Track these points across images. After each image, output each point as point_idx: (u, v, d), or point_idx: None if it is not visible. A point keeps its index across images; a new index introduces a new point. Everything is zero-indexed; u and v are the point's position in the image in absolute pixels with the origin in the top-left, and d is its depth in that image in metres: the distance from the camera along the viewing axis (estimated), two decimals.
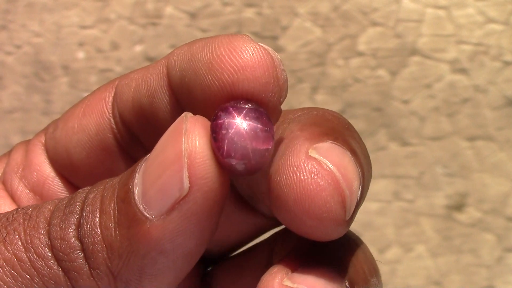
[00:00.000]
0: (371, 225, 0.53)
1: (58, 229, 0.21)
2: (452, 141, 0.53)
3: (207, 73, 0.21)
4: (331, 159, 0.21)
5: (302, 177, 0.20)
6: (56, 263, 0.21)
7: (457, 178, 0.53)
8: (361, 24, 0.52)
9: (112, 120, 0.26)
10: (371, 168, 0.23)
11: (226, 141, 0.20)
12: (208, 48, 0.22)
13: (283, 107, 0.22)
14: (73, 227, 0.21)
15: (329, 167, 0.20)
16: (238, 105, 0.21)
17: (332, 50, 0.52)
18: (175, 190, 0.20)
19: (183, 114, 0.21)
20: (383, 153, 0.53)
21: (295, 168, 0.21)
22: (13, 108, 0.54)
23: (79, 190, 0.22)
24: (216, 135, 0.20)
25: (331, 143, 0.21)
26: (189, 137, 0.20)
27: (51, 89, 0.54)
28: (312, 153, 0.21)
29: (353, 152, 0.22)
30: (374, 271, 0.23)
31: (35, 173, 0.28)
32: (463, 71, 0.52)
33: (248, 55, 0.21)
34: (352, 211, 0.21)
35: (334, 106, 0.52)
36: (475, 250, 0.53)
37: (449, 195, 0.53)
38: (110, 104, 0.26)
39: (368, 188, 0.23)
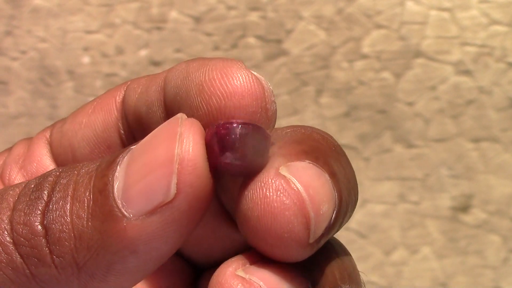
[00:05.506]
0: (377, 227, 0.53)
1: (22, 214, 0.20)
2: (457, 142, 0.53)
3: (197, 95, 0.21)
4: (301, 179, 0.20)
5: (267, 194, 0.20)
6: (14, 248, 0.20)
7: (462, 180, 0.53)
8: (365, 26, 0.52)
9: (119, 119, 0.26)
10: (355, 193, 0.22)
11: (227, 137, 0.20)
12: (202, 69, 0.21)
13: (288, 109, 0.22)
14: (38, 212, 0.20)
15: (296, 186, 0.20)
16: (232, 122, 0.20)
17: (336, 53, 0.52)
18: (159, 194, 0.19)
19: (178, 115, 0.20)
20: (388, 155, 0.53)
21: (262, 184, 0.20)
22: (19, 113, 0.54)
23: (47, 172, 0.21)
24: (217, 130, 0.20)
25: (309, 163, 0.20)
26: (183, 142, 0.20)
27: (56, 94, 0.54)
28: (283, 171, 0.20)
29: (332, 175, 0.21)
30: (348, 278, 0.22)
31: (35, 164, 0.27)
32: (467, 72, 0.52)
33: (238, 82, 0.20)
34: (318, 234, 0.20)
35: (338, 108, 0.52)
36: (480, 252, 0.53)
37: (454, 196, 0.53)
38: (119, 103, 0.26)
39: (350, 215, 0.22)
